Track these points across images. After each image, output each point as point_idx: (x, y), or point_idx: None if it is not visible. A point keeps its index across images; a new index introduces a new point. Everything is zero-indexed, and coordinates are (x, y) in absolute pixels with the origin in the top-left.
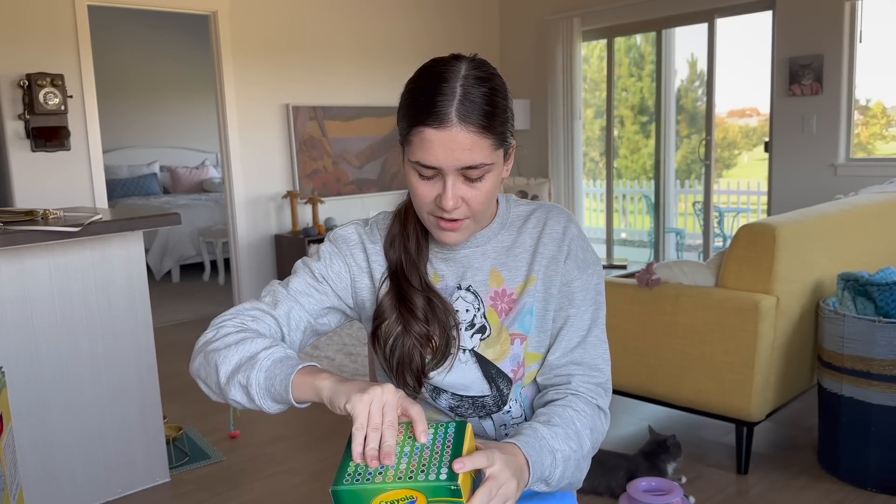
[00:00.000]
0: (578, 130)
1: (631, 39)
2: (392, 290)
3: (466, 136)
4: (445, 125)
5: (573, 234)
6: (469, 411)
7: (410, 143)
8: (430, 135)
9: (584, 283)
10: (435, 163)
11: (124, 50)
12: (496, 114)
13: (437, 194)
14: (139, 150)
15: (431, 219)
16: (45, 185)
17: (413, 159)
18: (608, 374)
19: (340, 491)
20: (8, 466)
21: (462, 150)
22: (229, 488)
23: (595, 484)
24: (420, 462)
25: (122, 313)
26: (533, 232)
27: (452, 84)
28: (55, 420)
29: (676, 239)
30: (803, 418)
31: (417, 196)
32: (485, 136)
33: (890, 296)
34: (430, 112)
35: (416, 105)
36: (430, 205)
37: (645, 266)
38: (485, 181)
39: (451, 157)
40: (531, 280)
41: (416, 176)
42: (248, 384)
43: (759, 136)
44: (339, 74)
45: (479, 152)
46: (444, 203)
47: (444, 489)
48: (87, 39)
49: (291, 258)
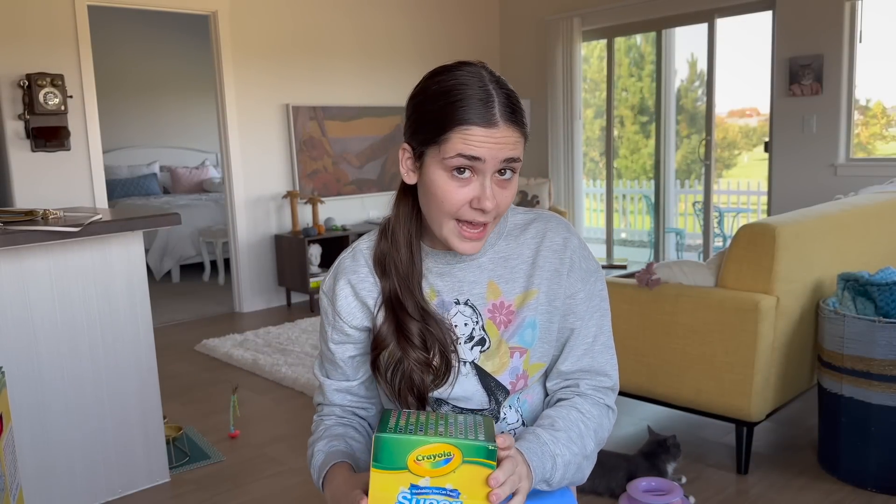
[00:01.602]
0: (578, 130)
1: (631, 39)
2: (388, 319)
3: (512, 132)
4: (495, 125)
5: (574, 245)
6: None
7: (448, 142)
8: (477, 132)
9: (587, 294)
10: (480, 154)
11: (124, 50)
12: (524, 115)
13: (471, 197)
14: (139, 150)
15: (454, 226)
16: (45, 185)
17: (452, 154)
18: (616, 378)
19: (384, 438)
20: (8, 466)
21: (508, 145)
22: (229, 488)
23: (595, 484)
24: (457, 430)
25: (122, 313)
26: (531, 243)
27: (486, 87)
28: (55, 420)
29: (676, 239)
30: (803, 418)
31: (447, 199)
32: (521, 134)
33: (890, 296)
34: (475, 110)
35: (455, 106)
36: (459, 207)
37: (645, 266)
38: (513, 180)
39: (498, 151)
40: (531, 293)
41: (448, 177)
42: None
43: (759, 136)
44: (339, 74)
45: (518, 147)
46: (483, 204)
47: (483, 449)
48: (86, 39)
49: (291, 258)
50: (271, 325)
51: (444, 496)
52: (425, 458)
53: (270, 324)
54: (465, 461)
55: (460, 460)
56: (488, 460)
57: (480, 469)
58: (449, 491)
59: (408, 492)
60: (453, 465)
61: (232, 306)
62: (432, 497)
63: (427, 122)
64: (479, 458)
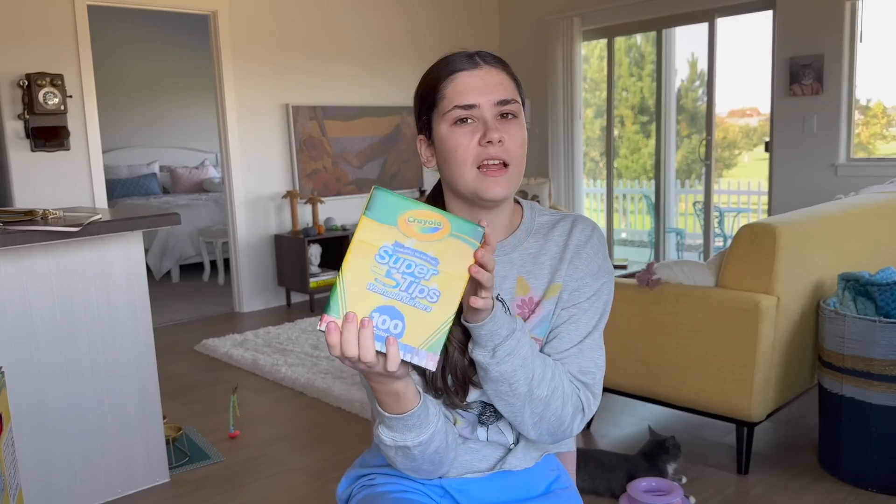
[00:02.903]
0: (578, 130)
1: (631, 39)
2: None
3: (495, 72)
4: (476, 66)
5: (595, 242)
6: (492, 419)
7: (444, 98)
8: (463, 77)
9: (594, 290)
10: (473, 100)
11: (124, 50)
12: (510, 67)
13: (479, 136)
14: (139, 150)
15: (476, 173)
16: (45, 185)
17: (450, 108)
18: (599, 379)
19: (382, 190)
20: (7, 466)
21: (495, 84)
22: (229, 488)
23: (595, 484)
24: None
25: (122, 313)
26: (559, 240)
27: (469, 50)
28: (55, 420)
29: (677, 239)
30: (804, 418)
31: (460, 149)
32: (509, 76)
33: (890, 296)
34: (459, 60)
35: (442, 66)
36: (474, 153)
37: (645, 266)
38: (517, 125)
39: (488, 91)
40: (556, 287)
41: (455, 127)
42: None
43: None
44: (339, 74)
45: (510, 88)
46: (491, 135)
47: (472, 227)
48: (86, 39)
49: (291, 258)
50: (271, 325)
51: (424, 261)
52: (416, 220)
53: (270, 324)
54: (453, 234)
55: (448, 232)
56: (474, 239)
57: (465, 246)
58: (430, 257)
59: (391, 247)
60: (440, 234)
61: (232, 306)
62: (412, 259)
63: (425, 95)
64: (466, 235)
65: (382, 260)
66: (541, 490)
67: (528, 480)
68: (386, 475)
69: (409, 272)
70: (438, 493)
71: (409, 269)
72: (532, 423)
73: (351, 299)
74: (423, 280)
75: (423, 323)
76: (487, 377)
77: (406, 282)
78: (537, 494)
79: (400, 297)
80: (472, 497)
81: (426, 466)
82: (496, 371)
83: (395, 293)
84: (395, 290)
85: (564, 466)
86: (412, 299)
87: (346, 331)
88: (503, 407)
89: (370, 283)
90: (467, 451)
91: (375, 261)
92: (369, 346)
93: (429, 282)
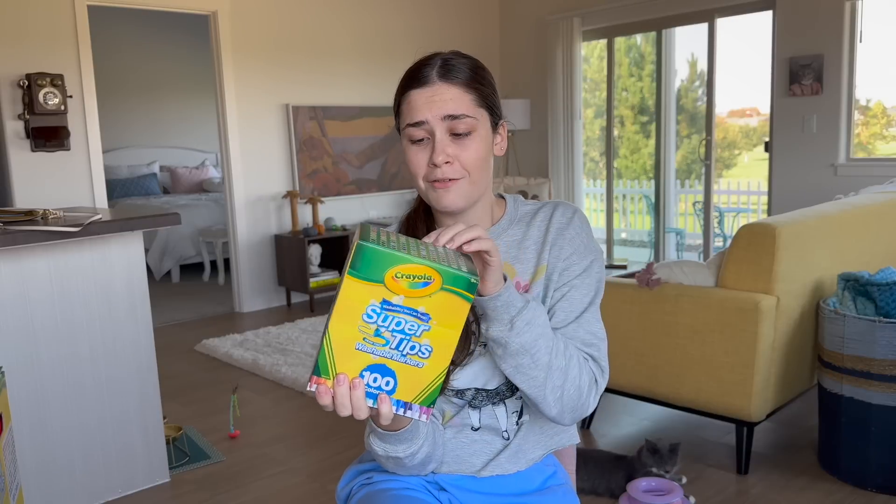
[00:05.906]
0: (578, 130)
1: (631, 39)
2: None
3: (447, 88)
4: (428, 84)
5: (577, 224)
6: (484, 402)
7: (401, 115)
8: (414, 95)
9: (583, 267)
10: (420, 117)
11: (124, 50)
12: (477, 77)
13: (429, 156)
14: (139, 150)
15: (427, 185)
16: (45, 185)
17: (404, 125)
18: (603, 351)
19: (367, 247)
20: (8, 466)
21: (443, 101)
22: (229, 488)
23: (595, 484)
24: (438, 257)
25: (122, 313)
26: (541, 226)
27: (434, 58)
28: (55, 420)
29: (676, 239)
30: (803, 418)
31: (412, 164)
32: (466, 91)
33: (890, 296)
34: (413, 77)
35: (402, 81)
36: (424, 169)
37: (645, 266)
38: (472, 139)
39: (434, 108)
40: (542, 269)
41: (409, 144)
42: None
43: (760, 136)
44: (339, 74)
45: (462, 103)
46: (435, 158)
47: (465, 280)
48: (86, 39)
49: (291, 258)
50: (271, 325)
51: (415, 318)
52: (404, 276)
53: (270, 324)
54: (444, 288)
55: (439, 286)
56: (467, 292)
57: (457, 299)
58: (420, 314)
59: (378, 306)
60: (431, 289)
61: (232, 306)
62: (402, 316)
63: (394, 107)
64: (458, 288)
65: (370, 319)
66: (536, 485)
67: (524, 476)
68: (385, 472)
69: (399, 329)
70: (436, 489)
71: (399, 326)
72: (554, 398)
73: (340, 361)
74: (413, 337)
75: (415, 379)
76: (507, 353)
77: (396, 340)
78: (533, 490)
79: (390, 355)
80: (469, 493)
81: (415, 470)
82: (516, 343)
83: (384, 352)
84: (385, 348)
85: (565, 464)
86: (403, 357)
87: (337, 394)
88: (525, 383)
89: (358, 343)
90: (459, 446)
91: (363, 320)
92: (362, 406)
93: (420, 338)
